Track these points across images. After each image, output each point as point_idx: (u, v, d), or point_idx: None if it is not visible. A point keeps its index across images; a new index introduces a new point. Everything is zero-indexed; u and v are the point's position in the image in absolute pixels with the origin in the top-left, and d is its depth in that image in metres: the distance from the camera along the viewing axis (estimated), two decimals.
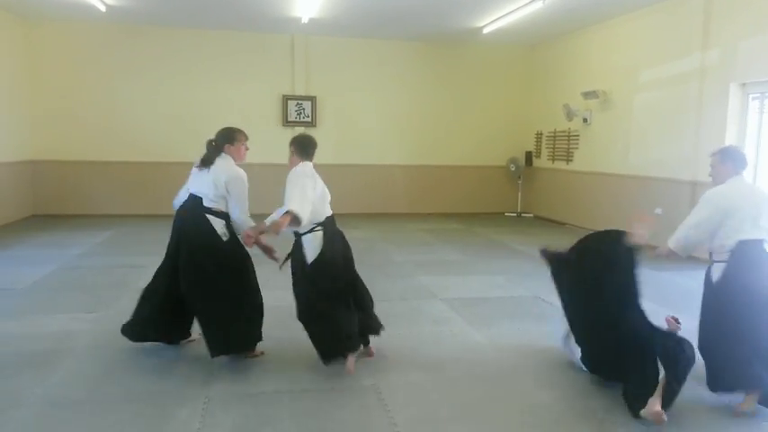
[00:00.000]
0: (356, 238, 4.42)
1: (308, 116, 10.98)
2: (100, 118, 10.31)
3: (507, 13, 8.81)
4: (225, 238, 3.86)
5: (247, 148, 4.14)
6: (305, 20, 9.36)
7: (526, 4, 8.24)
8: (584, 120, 9.77)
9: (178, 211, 4.03)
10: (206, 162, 3.90)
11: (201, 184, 3.87)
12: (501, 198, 11.97)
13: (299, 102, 10.93)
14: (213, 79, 10.65)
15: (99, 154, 10.41)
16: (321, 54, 10.97)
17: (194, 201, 3.88)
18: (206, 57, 10.59)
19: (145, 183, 10.58)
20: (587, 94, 9.43)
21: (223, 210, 3.88)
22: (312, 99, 10.97)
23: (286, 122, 10.93)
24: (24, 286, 5.62)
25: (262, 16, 9.42)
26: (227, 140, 3.98)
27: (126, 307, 5.00)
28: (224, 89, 10.69)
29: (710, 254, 3.80)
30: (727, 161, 3.81)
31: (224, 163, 3.90)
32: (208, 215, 3.84)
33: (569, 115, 9.93)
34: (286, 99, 10.89)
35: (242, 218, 3.90)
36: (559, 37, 10.62)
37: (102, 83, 10.30)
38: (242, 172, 3.94)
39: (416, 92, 11.44)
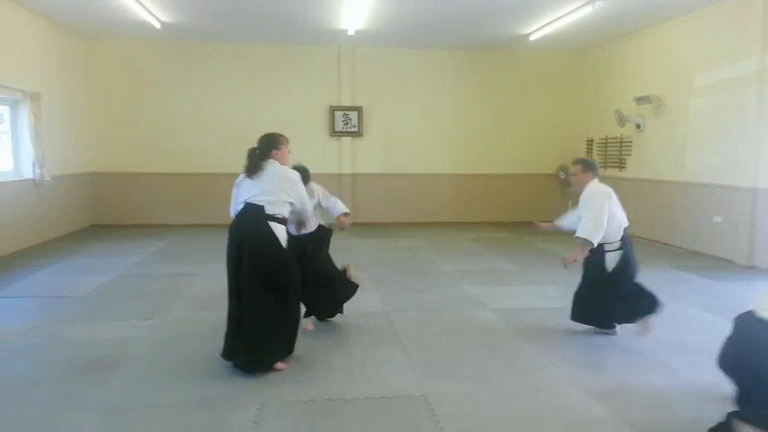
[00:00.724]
0: (402, 247, 4.44)
1: (355, 126, 11.07)
2: (155, 131, 10.68)
3: (555, 20, 8.69)
4: (284, 245, 3.91)
5: (289, 151, 4.21)
6: (351, 32, 9.47)
7: (574, 10, 8.11)
8: (637, 126, 9.52)
9: (235, 221, 3.99)
10: (254, 170, 3.94)
11: (258, 193, 3.87)
12: (550, 206, 11.73)
13: (346, 112, 11.04)
14: (262, 92, 10.88)
15: (154, 166, 10.76)
16: (367, 65, 11.07)
17: (254, 209, 3.84)
18: (255, 70, 10.83)
19: (197, 194, 10.87)
20: (640, 100, 9.19)
21: (285, 216, 3.94)
22: (358, 109, 11.06)
23: (333, 132, 11.05)
24: (85, 294, 5.84)
25: (309, 30, 9.58)
26: (273, 146, 4.07)
27: (180, 314, 5.17)
28: (272, 101, 10.91)
29: (602, 244, 4.57)
30: (589, 170, 4.89)
31: (275, 167, 3.97)
32: (270, 222, 3.85)
33: (621, 121, 9.69)
34: (333, 110, 11.02)
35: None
36: (610, 42, 10.40)
37: (156, 97, 10.67)
38: (293, 171, 4.06)
39: (462, 100, 11.39)
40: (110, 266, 7.08)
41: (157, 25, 8.93)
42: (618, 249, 4.61)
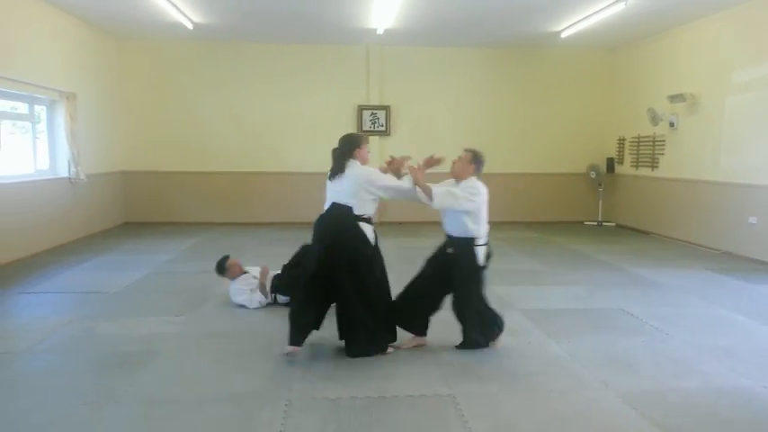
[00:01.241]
0: (430, 246, 4.42)
1: (383, 125, 11.08)
2: (185, 130, 10.84)
3: (587, 17, 8.57)
4: (373, 243, 4.08)
5: (368, 151, 4.31)
6: (380, 31, 9.48)
7: (607, 7, 7.99)
8: (671, 124, 9.34)
9: (322, 220, 4.10)
10: (337, 171, 4.07)
11: (344, 195, 4.02)
12: (580, 206, 11.61)
13: (374, 111, 11.06)
14: (291, 91, 10.97)
15: (185, 165, 10.93)
16: (395, 63, 11.07)
17: (342, 210, 4.00)
18: (284, 70, 10.92)
19: (227, 192, 11.01)
20: (674, 98, 9.01)
21: (371, 215, 4.08)
22: (386, 108, 11.07)
23: (361, 131, 11.08)
24: (117, 290, 5.96)
25: (338, 29, 9.62)
26: (355, 145, 4.16)
27: (211, 311, 5.25)
28: (301, 100, 10.98)
29: (474, 238, 4.15)
30: (475, 162, 4.45)
31: (355, 169, 4.07)
32: (359, 223, 4.00)
33: (654, 120, 9.52)
34: (361, 109, 11.04)
35: (406, 192, 4.21)
36: (643, 39, 10.22)
37: (187, 97, 10.83)
38: (370, 168, 4.21)
39: (491, 98, 11.31)
40: (142, 263, 7.22)
41: (190, 26, 9.06)
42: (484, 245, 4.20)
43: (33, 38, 7.77)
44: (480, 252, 4.16)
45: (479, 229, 4.16)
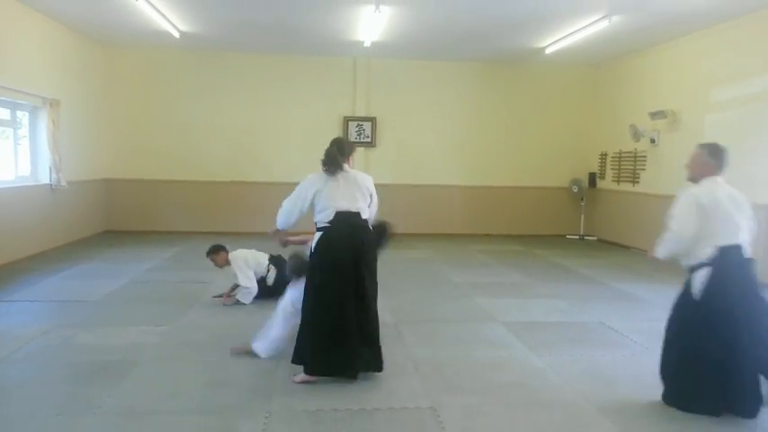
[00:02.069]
0: (413, 258, 4.44)
1: (368, 137, 11.12)
2: (169, 139, 10.79)
3: (571, 33, 8.70)
4: None
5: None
6: (367, 43, 9.54)
7: (591, 24, 8.12)
8: (652, 140, 9.48)
9: (345, 228, 3.81)
10: (336, 169, 3.90)
11: (353, 198, 3.86)
12: (562, 220, 11.72)
13: (360, 123, 11.10)
14: (277, 102, 10.98)
15: (168, 173, 10.87)
16: (382, 76, 11.13)
17: (357, 217, 3.85)
18: (271, 80, 10.93)
19: (210, 202, 10.96)
20: (655, 114, 9.15)
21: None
22: (372, 120, 11.11)
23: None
24: (97, 299, 5.90)
25: (326, 41, 9.66)
26: (350, 151, 4.07)
27: (192, 321, 5.20)
28: (287, 111, 10.99)
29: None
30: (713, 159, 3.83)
31: (357, 172, 4.03)
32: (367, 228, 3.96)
33: (636, 136, 9.66)
34: (347, 120, 11.08)
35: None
36: (626, 56, 10.39)
37: (172, 105, 10.79)
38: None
39: (476, 112, 11.41)
40: (123, 272, 7.15)
41: (176, 35, 9.05)
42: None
43: (17, 44, 7.70)
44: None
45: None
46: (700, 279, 3.49)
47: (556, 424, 3.36)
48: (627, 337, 4.99)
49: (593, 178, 11.36)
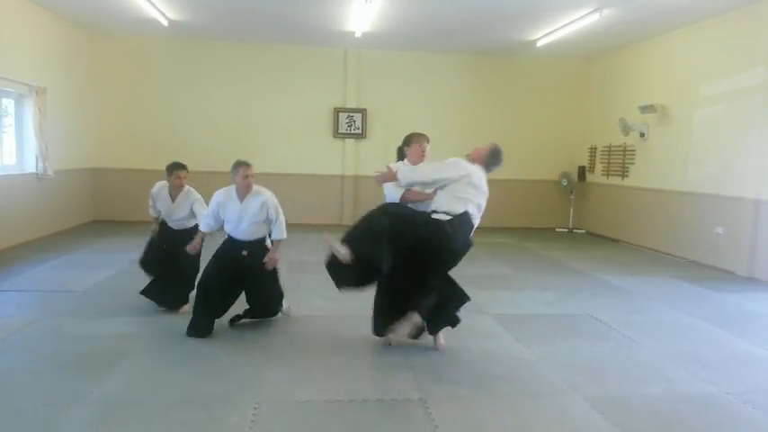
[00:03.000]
0: None
1: (359, 128, 11.08)
2: (158, 128, 10.70)
3: (562, 26, 8.70)
4: None
5: (423, 150, 4.73)
6: (358, 34, 9.49)
7: (582, 17, 8.13)
8: (641, 134, 9.52)
9: None
10: None
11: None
12: (552, 213, 11.76)
13: (350, 114, 11.06)
14: (267, 91, 10.90)
15: (157, 163, 10.67)
16: (372, 67, 11.09)
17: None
18: (261, 70, 10.86)
19: (200, 191, 10.82)
20: (644, 108, 9.19)
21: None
22: (363, 111, 11.07)
23: (336, 134, 11.06)
24: (84, 289, 5.85)
25: (316, 31, 9.60)
26: (404, 144, 4.68)
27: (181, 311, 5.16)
28: (277, 101, 10.93)
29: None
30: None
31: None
32: None
33: (625, 129, 9.69)
34: (337, 111, 11.03)
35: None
36: (616, 50, 10.41)
37: (161, 94, 10.69)
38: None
39: (467, 105, 11.40)
40: (110, 262, 7.10)
41: (165, 23, 8.95)
42: None
43: (2, 31, 7.58)
44: None
45: None
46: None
47: (544, 415, 3.38)
48: (615, 329, 5.02)
49: (582, 172, 11.40)
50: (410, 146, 4.48)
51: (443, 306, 4.25)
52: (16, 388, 3.50)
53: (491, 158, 4.51)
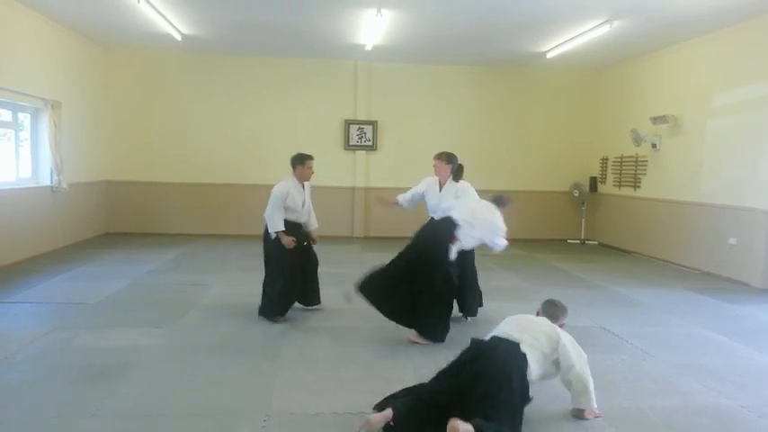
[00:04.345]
0: None
1: (369, 140, 11.12)
2: (171, 141, 10.80)
3: (572, 38, 8.70)
4: None
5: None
6: (368, 47, 9.54)
7: (592, 29, 8.12)
8: (653, 145, 9.48)
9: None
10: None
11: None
12: (564, 224, 11.70)
13: (361, 126, 11.10)
14: (279, 104, 10.98)
15: (169, 175, 10.87)
16: (383, 79, 11.14)
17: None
18: (272, 83, 10.94)
19: (212, 204, 10.96)
20: (656, 119, 9.15)
21: None
22: (373, 123, 11.12)
23: (347, 146, 11.11)
24: (97, 301, 5.89)
25: (328, 44, 9.67)
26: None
27: (192, 323, 5.19)
28: (288, 114, 11.00)
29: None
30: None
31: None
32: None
33: (637, 140, 9.65)
34: (348, 123, 11.08)
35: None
36: (627, 61, 10.39)
37: (173, 108, 10.80)
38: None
39: (477, 116, 11.41)
40: (123, 274, 7.15)
41: (178, 37, 9.06)
42: None
43: (19, 46, 7.72)
44: None
45: None
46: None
47: (556, 428, 3.34)
48: (627, 342, 4.98)
49: (594, 182, 11.35)
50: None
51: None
52: (28, 400, 3.52)
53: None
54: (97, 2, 7.55)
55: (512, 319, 3.60)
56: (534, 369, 3.20)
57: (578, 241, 11.38)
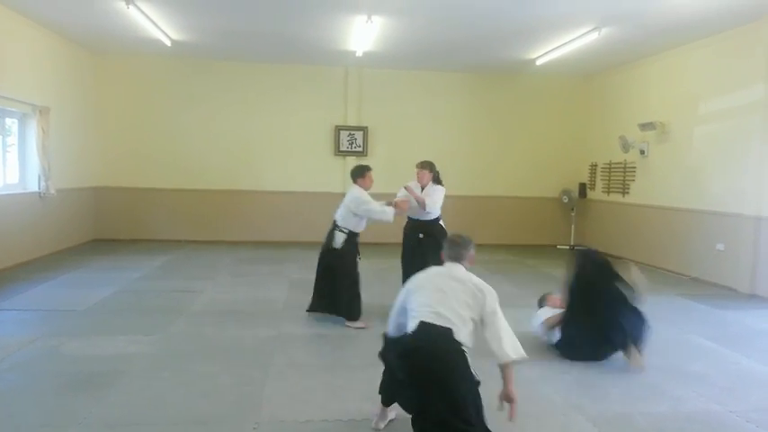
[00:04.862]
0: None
1: (360, 146, 11.12)
2: (160, 147, 10.74)
3: (561, 45, 8.77)
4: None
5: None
6: (359, 53, 9.56)
7: (581, 36, 8.19)
8: (641, 152, 9.55)
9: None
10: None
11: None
12: (553, 230, 11.76)
13: (351, 132, 11.10)
14: (269, 110, 10.96)
15: (158, 181, 10.81)
16: (373, 85, 11.16)
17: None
18: (263, 89, 10.93)
19: (201, 210, 10.90)
20: (644, 126, 9.23)
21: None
22: (364, 129, 11.12)
23: (338, 152, 11.10)
24: (85, 308, 5.83)
25: (318, 50, 9.68)
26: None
27: (182, 330, 5.16)
28: (279, 119, 10.98)
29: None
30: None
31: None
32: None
33: (625, 147, 9.73)
34: (338, 129, 11.08)
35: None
36: (616, 68, 10.48)
37: (162, 113, 10.75)
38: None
39: (467, 122, 11.45)
40: (111, 281, 7.09)
41: (168, 43, 9.03)
42: None
43: (7, 51, 7.65)
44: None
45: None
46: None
47: None
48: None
49: (583, 189, 11.42)
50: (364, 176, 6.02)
51: None
52: (15, 408, 3.48)
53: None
54: (86, 7, 7.51)
55: (427, 285, 3.36)
56: (469, 341, 3.18)
57: (568, 247, 11.43)
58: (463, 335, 3.13)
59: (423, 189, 6.38)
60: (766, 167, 7.17)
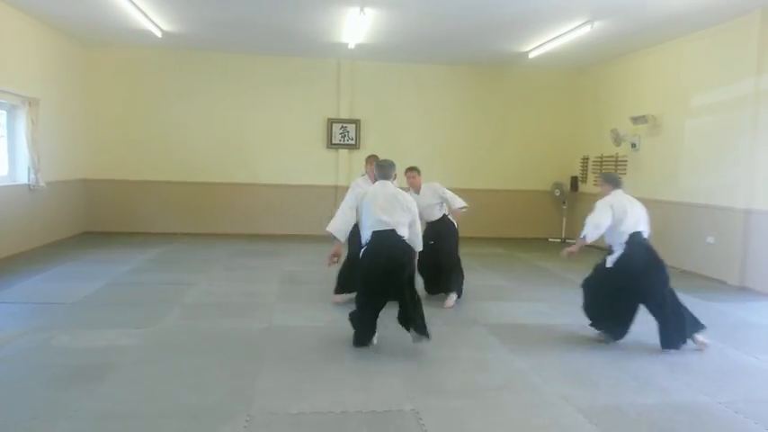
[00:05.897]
0: None
1: (352, 139, 11.10)
2: (152, 139, 10.68)
3: (554, 38, 8.77)
4: None
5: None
6: (351, 45, 9.53)
7: (573, 29, 8.19)
8: (633, 145, 9.58)
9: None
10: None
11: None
12: (545, 223, 11.79)
13: (344, 125, 11.08)
14: (261, 102, 10.92)
15: (150, 174, 10.75)
16: (366, 78, 11.13)
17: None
18: (255, 81, 10.87)
19: (193, 202, 10.86)
20: (636, 119, 9.25)
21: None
22: (356, 122, 11.10)
23: (330, 145, 11.08)
24: (75, 301, 5.80)
25: (310, 42, 9.63)
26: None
27: (172, 323, 5.14)
28: (270, 112, 10.94)
29: (610, 246, 5.28)
30: (606, 183, 5.37)
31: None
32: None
33: (617, 140, 9.75)
34: (331, 122, 11.05)
35: None
36: (608, 61, 10.49)
37: (153, 105, 10.68)
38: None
39: (460, 115, 11.45)
40: (102, 274, 7.05)
41: (159, 34, 8.96)
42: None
43: None
44: None
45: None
46: (612, 257, 5.22)
47: (538, 426, 3.37)
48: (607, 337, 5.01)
49: (575, 182, 11.45)
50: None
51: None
52: (4, 401, 3.46)
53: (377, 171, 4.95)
54: None
55: (372, 205, 4.57)
56: (406, 234, 4.63)
57: (559, 240, 11.46)
58: (402, 231, 4.58)
59: (419, 191, 6.47)
60: (756, 161, 7.21)
